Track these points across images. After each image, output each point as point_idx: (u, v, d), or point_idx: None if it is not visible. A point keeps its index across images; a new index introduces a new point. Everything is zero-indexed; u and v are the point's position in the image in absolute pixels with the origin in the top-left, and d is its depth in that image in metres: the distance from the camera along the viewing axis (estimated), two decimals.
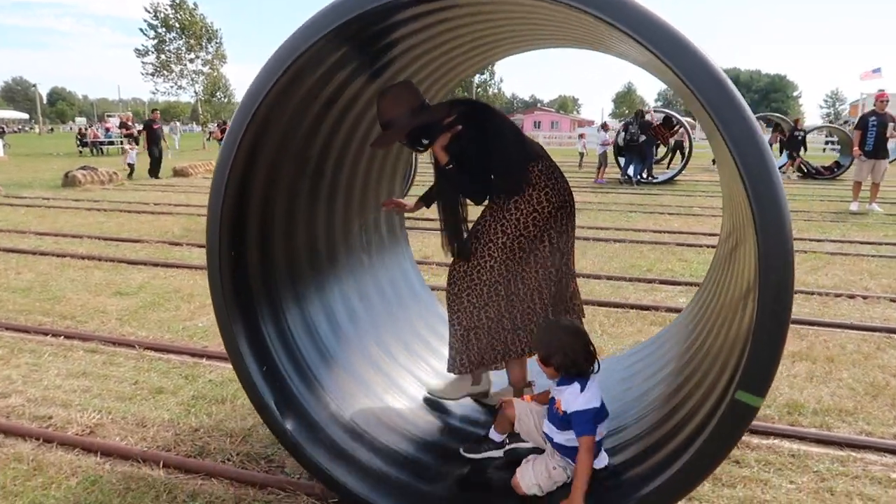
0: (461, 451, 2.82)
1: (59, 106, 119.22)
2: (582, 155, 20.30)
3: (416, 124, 2.77)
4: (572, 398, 2.39)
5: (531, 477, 2.53)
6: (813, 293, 5.85)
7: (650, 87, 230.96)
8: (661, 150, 18.91)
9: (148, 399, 3.61)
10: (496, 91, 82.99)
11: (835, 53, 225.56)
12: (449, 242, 2.97)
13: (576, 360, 2.40)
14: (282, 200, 3.02)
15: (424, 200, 3.18)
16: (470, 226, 2.97)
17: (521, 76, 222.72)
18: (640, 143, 15.26)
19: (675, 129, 17.00)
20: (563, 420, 2.43)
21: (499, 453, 2.79)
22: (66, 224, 9.67)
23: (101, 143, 29.43)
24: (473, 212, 2.96)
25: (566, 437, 2.46)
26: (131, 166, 17.19)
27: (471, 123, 2.79)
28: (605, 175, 16.81)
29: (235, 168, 2.52)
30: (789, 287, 1.88)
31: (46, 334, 4.64)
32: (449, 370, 3.13)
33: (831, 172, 18.52)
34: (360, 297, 3.64)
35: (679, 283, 6.23)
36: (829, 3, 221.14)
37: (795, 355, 4.30)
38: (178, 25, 38.33)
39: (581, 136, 20.96)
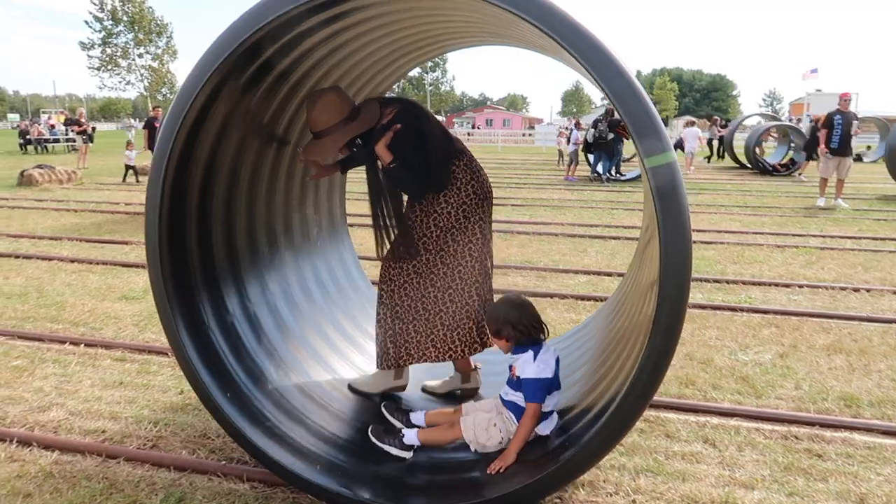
0: (369, 430, 2.82)
1: None
2: (561, 153, 20.52)
3: (359, 131, 2.79)
4: (526, 366, 2.56)
5: (471, 425, 2.66)
6: (818, 287, 6.03)
7: (592, 86, 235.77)
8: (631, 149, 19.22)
9: (201, 408, 3.43)
10: (448, 89, 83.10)
11: (770, 54, 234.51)
12: (396, 244, 3.01)
13: (524, 331, 2.59)
14: (221, 190, 3.08)
15: (342, 165, 3.20)
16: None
17: (470, 74, 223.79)
18: (609, 141, 15.49)
19: None
20: (516, 384, 2.62)
21: (400, 454, 2.74)
22: (38, 225, 9.17)
23: (47, 141, 28.09)
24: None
25: (517, 398, 2.63)
26: (131, 168, 15.43)
27: (407, 121, 2.81)
28: (575, 173, 17.02)
29: (172, 160, 2.58)
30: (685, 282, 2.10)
31: (64, 342, 4.37)
32: (379, 366, 3.18)
33: (787, 169, 19.21)
34: (299, 284, 3.74)
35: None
36: (765, 5, 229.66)
37: (829, 348, 4.41)
38: (125, 18, 36.95)
39: (561, 133, 21.14)
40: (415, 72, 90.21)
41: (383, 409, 3.02)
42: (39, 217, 10.02)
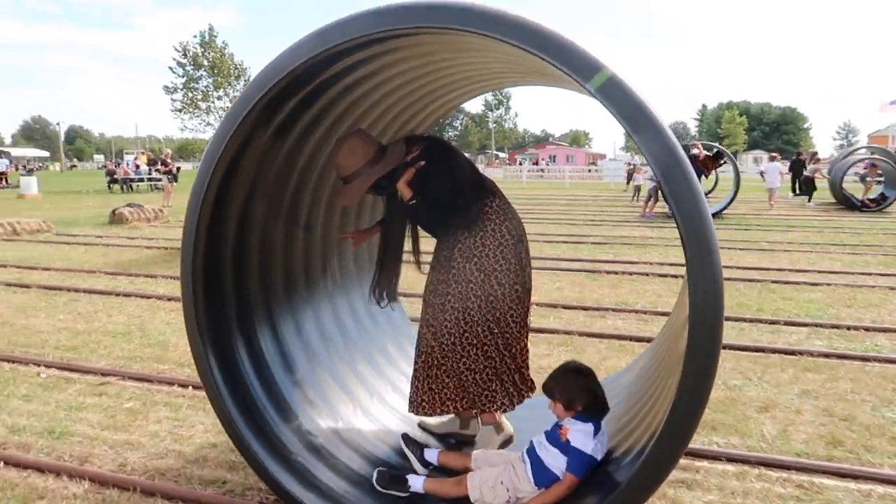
0: (374, 474, 2.81)
1: (78, 143, 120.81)
2: (638, 189, 20.11)
3: (384, 172, 2.78)
4: (583, 437, 2.45)
5: (477, 484, 2.58)
6: None
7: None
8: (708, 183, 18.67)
9: None
10: (511, 126, 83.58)
11: (841, 86, 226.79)
12: (380, 284, 3.03)
13: (600, 406, 2.51)
14: (257, 228, 3.13)
15: (381, 224, 3.17)
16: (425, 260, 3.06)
17: (532, 111, 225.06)
18: None
19: (722, 162, 16.83)
20: (562, 445, 2.48)
21: (402, 494, 2.74)
22: (133, 263, 9.47)
23: (132, 180, 29.50)
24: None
25: (551, 457, 2.49)
26: None
27: (433, 158, 2.80)
28: (654, 209, 16.58)
29: (207, 202, 2.65)
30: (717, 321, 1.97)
31: (172, 384, 4.38)
32: (410, 410, 3.12)
33: (877, 204, 18.22)
34: (335, 319, 3.72)
35: (805, 325, 5.91)
36: (837, 37, 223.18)
37: None
38: (206, 63, 38.88)
39: (639, 170, 20.78)
40: (478, 109, 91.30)
41: (401, 439, 3.05)
42: (132, 254, 10.37)
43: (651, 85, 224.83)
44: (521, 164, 60.10)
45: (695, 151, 16.08)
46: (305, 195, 3.42)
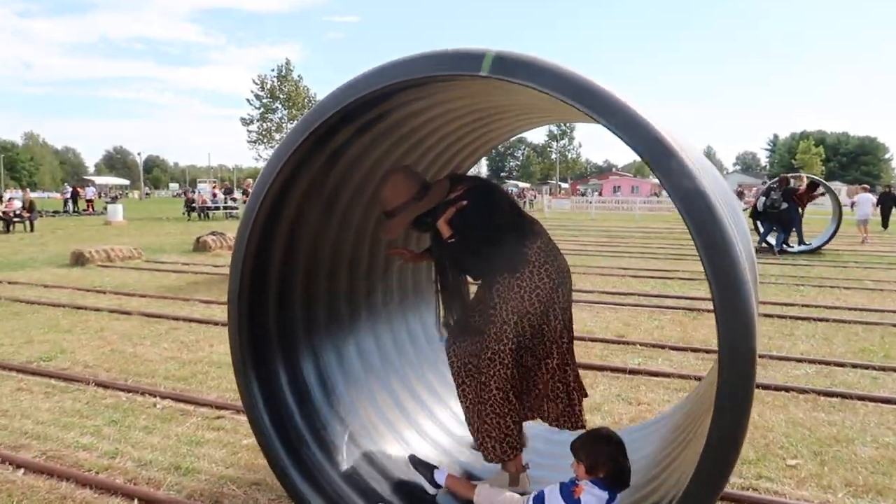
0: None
1: (155, 173, 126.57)
2: None
3: (426, 209, 2.85)
4: (595, 501, 2.44)
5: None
6: None
7: (728, 151, 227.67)
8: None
9: None
10: (575, 156, 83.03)
11: None
12: (448, 314, 3.04)
13: (622, 479, 2.46)
14: (302, 256, 3.23)
15: (430, 252, 3.20)
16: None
17: (594, 140, 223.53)
18: (782, 211, 14.41)
19: (819, 194, 16.11)
20: (573, 501, 2.46)
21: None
22: (223, 291, 9.61)
23: (208, 208, 30.53)
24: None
25: None
26: None
27: (474, 199, 2.83)
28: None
29: (256, 227, 2.81)
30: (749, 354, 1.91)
31: None
32: (485, 458, 3.08)
33: None
34: (378, 348, 3.74)
35: None
36: None
37: None
38: (282, 96, 40.26)
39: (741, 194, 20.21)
40: (541, 139, 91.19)
41: (409, 460, 3.15)
42: (222, 283, 10.57)
43: (719, 113, 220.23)
44: (583, 194, 59.46)
45: (794, 184, 15.45)
46: (349, 233, 3.49)
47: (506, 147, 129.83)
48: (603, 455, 2.45)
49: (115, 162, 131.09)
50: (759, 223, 15.65)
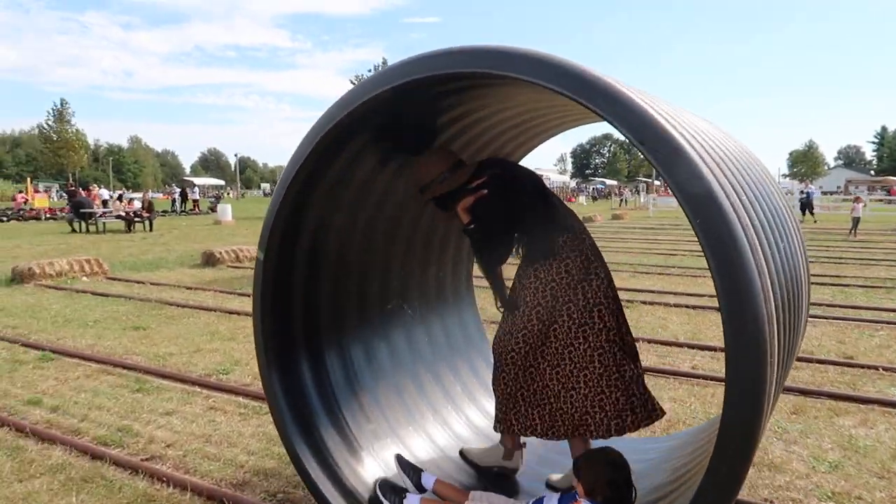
0: (377, 487, 2.88)
1: (247, 173, 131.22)
2: (857, 220, 17.94)
3: (443, 190, 2.86)
4: None
5: None
6: None
7: (831, 146, 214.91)
8: None
9: None
10: None
11: None
12: (494, 294, 2.96)
13: (619, 499, 2.32)
14: (331, 249, 3.19)
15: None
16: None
17: None
18: None
19: None
20: None
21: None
22: None
23: None
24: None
25: None
26: None
27: (494, 188, 2.78)
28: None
29: (281, 216, 2.84)
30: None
31: None
32: (495, 428, 3.06)
33: None
34: (408, 344, 3.67)
35: None
36: None
37: None
38: None
39: (857, 199, 18.62)
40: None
41: (395, 461, 3.04)
42: None
43: (820, 106, 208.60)
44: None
45: None
46: (380, 222, 3.42)
47: (591, 144, 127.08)
48: (603, 480, 2.33)
49: (210, 163, 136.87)
50: None
